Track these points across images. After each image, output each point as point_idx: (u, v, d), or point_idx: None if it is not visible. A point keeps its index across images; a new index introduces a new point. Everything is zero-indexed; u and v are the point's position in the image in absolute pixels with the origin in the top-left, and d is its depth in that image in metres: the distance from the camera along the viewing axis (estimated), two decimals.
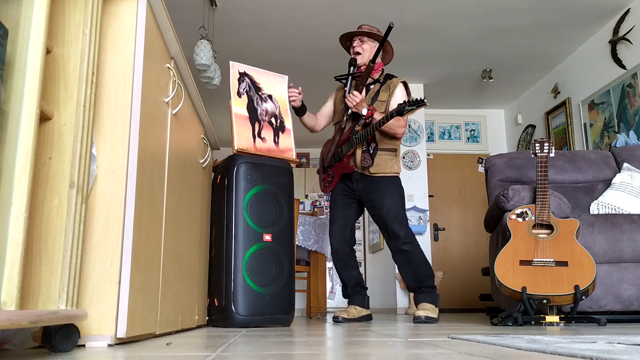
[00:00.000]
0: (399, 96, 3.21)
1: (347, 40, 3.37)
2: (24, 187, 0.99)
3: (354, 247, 3.39)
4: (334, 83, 3.54)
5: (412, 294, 3.98)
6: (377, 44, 3.27)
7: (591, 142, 5.16)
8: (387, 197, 3.17)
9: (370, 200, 3.22)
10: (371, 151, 3.17)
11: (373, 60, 3.12)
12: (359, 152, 3.19)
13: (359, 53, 3.26)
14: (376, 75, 3.30)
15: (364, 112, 3.06)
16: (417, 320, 2.95)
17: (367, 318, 3.34)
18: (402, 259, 3.16)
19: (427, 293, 3.10)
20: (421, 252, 3.17)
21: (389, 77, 3.30)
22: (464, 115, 7.09)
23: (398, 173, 3.27)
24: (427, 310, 2.99)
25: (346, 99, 3.11)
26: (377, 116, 3.08)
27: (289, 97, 3.17)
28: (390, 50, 3.35)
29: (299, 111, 3.31)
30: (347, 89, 3.21)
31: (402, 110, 2.86)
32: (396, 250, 3.17)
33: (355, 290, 3.34)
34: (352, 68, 3.24)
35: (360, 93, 3.10)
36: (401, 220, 3.16)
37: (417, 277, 3.12)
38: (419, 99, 2.85)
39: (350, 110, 3.17)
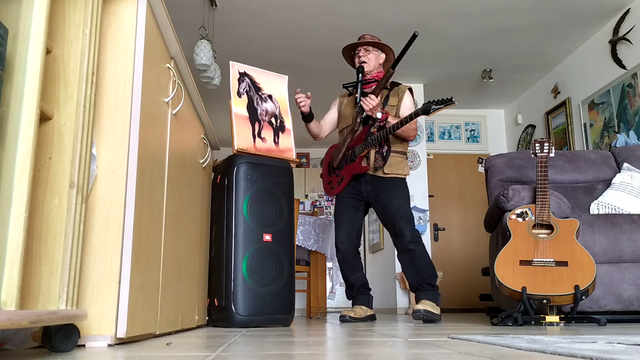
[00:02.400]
0: (407, 102, 3.35)
1: (350, 50, 3.44)
2: (24, 187, 0.99)
3: (359, 249, 3.43)
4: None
5: (413, 295, 3.97)
6: (380, 53, 3.41)
7: (591, 142, 5.16)
8: (397, 197, 3.23)
9: (379, 200, 3.26)
10: (384, 153, 3.26)
11: (393, 67, 3.23)
12: (372, 153, 3.26)
13: (364, 62, 3.34)
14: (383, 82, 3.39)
15: (379, 115, 3.16)
16: (416, 313, 2.95)
17: (372, 318, 3.37)
18: (407, 258, 3.19)
19: (428, 291, 3.12)
20: (426, 253, 3.20)
21: (395, 84, 3.42)
22: (464, 115, 7.09)
23: (407, 175, 3.35)
24: (427, 305, 2.99)
25: (362, 103, 3.19)
26: (392, 119, 3.18)
27: (297, 102, 3.26)
28: (392, 59, 3.45)
29: (307, 117, 3.38)
30: (357, 95, 3.28)
31: (428, 109, 2.97)
32: (402, 249, 3.20)
33: (360, 291, 3.39)
34: (360, 75, 3.31)
35: (377, 97, 3.20)
36: (408, 220, 3.21)
37: (420, 277, 3.15)
38: (446, 98, 2.94)
39: (364, 114, 3.25)
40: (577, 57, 5.47)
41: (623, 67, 4.67)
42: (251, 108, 2.92)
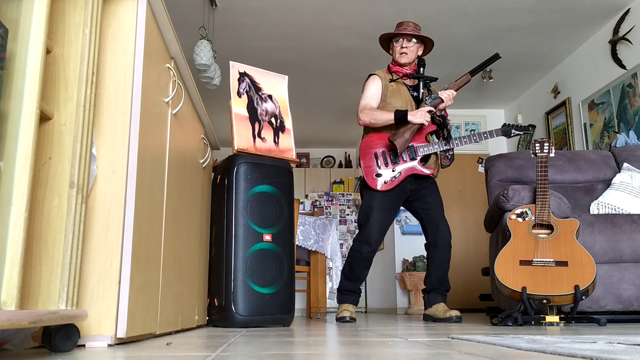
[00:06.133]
0: None
1: (390, 36, 3.31)
2: (24, 187, 0.99)
3: None
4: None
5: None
6: (420, 44, 3.32)
7: (591, 142, 5.16)
8: (439, 194, 3.33)
9: (423, 195, 3.28)
10: (451, 153, 3.33)
11: (472, 73, 3.35)
12: (437, 154, 3.33)
13: (404, 53, 3.26)
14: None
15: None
16: (455, 318, 3.01)
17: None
18: (446, 256, 3.21)
19: (445, 295, 3.20)
20: None
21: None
22: (464, 115, 7.08)
23: None
24: (454, 310, 3.07)
25: (444, 96, 3.19)
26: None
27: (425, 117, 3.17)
28: (430, 50, 3.42)
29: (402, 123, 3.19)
30: (423, 90, 3.27)
31: (509, 132, 3.23)
32: (445, 246, 3.20)
33: (360, 289, 3.39)
34: (422, 69, 3.24)
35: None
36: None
37: (446, 278, 3.21)
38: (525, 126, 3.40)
39: (436, 110, 3.21)
40: (577, 57, 5.46)
41: (623, 67, 4.67)
42: (251, 108, 2.92)
